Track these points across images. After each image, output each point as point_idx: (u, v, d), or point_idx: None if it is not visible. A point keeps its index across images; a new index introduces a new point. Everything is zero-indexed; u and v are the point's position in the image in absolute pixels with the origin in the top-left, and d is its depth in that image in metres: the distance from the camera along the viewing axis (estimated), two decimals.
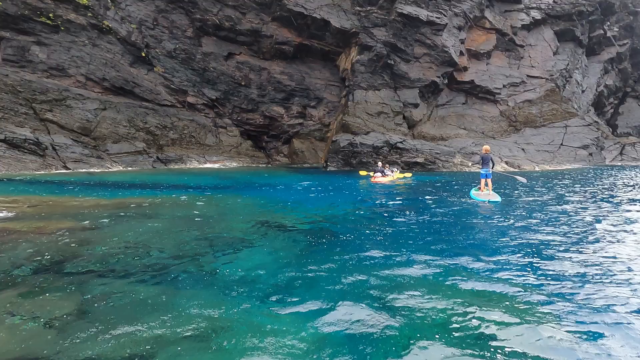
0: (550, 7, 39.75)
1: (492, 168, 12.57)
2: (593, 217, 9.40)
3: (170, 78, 31.89)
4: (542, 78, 38.09)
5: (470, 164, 25.24)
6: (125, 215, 9.17)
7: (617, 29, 44.76)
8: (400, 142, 29.21)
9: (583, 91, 42.28)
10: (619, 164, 34.70)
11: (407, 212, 10.03)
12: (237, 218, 9.23)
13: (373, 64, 32.43)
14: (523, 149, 32.89)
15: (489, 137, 34.07)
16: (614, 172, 25.19)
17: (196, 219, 8.98)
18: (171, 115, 31.32)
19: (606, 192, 14.54)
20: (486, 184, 12.50)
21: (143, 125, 29.43)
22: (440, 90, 35.70)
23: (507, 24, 37.86)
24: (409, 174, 21.83)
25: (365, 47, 32.02)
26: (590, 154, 33.41)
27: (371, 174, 20.89)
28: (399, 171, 22.29)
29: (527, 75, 37.95)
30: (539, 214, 9.84)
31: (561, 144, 33.72)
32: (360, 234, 7.72)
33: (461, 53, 35.27)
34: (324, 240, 7.23)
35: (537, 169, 29.35)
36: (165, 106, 31.70)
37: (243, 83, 34.17)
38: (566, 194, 13.89)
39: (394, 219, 9.27)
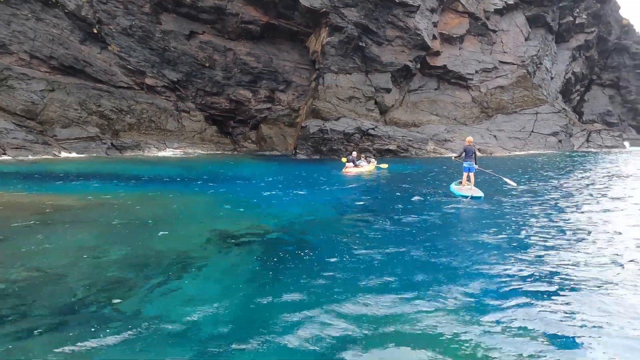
0: None
1: (476, 161, 11.39)
2: (578, 213, 8.60)
3: (126, 58, 29.45)
4: (513, 64, 37.73)
5: (452, 156, 24.06)
6: (45, 221, 7.61)
7: (586, 17, 44.95)
8: (372, 129, 28.13)
9: (552, 78, 42.36)
10: (586, 150, 34.96)
11: (381, 217, 8.77)
12: (186, 226, 7.80)
13: (344, 46, 30.96)
14: (495, 136, 32.54)
15: (461, 124, 33.52)
16: (587, 159, 25.06)
17: (136, 227, 7.52)
18: (128, 98, 29.03)
19: (583, 182, 13.97)
20: (468, 178, 11.39)
21: (96, 109, 27.12)
22: (413, 75, 34.75)
23: (480, 7, 37.09)
24: (384, 165, 20.22)
25: (336, 28, 30.43)
26: (560, 141, 33.44)
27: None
28: (375, 161, 20.67)
29: (499, 61, 37.49)
30: (525, 212, 8.94)
31: (532, 131, 33.57)
32: (326, 248, 6.52)
33: (434, 37, 34.33)
34: (285, 257, 6.01)
35: (508, 154, 29.04)
36: (122, 88, 29.35)
37: (207, 64, 32.04)
38: (551, 186, 13.19)
39: (365, 228, 7.96)
